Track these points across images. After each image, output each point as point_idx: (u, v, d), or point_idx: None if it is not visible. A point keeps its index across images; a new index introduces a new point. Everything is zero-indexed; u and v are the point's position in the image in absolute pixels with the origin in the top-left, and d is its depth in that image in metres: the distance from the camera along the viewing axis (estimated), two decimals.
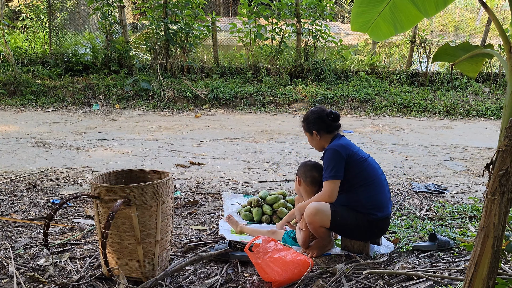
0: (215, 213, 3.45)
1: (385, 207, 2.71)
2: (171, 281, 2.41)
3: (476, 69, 2.04)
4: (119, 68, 9.01)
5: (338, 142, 2.75)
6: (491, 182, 1.65)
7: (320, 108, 2.87)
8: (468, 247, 2.58)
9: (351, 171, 2.68)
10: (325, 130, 2.81)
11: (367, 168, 2.71)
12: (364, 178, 2.68)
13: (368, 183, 2.68)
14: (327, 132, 2.82)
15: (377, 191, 2.69)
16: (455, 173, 4.70)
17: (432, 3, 1.94)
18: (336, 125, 2.83)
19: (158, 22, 8.79)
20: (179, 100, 8.31)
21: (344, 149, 2.69)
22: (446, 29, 13.45)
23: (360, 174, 2.68)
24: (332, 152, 2.69)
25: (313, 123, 2.83)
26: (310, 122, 2.85)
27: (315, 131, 2.83)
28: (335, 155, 2.67)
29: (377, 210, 2.67)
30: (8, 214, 3.29)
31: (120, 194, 2.23)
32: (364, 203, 2.66)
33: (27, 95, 8.15)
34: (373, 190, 2.68)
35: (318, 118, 2.82)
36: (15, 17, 11.67)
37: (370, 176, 2.70)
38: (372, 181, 2.69)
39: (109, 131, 6.15)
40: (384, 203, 2.71)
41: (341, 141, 2.76)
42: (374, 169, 2.74)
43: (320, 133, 2.82)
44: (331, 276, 2.47)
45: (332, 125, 2.81)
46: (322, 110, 2.85)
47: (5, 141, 5.45)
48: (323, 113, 2.82)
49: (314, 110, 2.88)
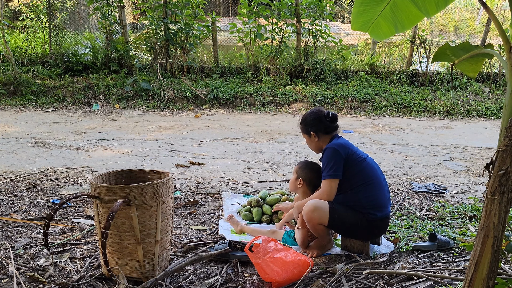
0: (215, 213, 3.45)
1: (384, 207, 2.71)
2: (171, 281, 2.41)
3: (476, 69, 2.04)
4: (119, 68, 9.01)
5: (337, 142, 2.75)
6: (491, 182, 1.65)
7: (318, 110, 2.87)
8: (468, 247, 2.58)
9: (350, 171, 2.68)
10: (322, 131, 2.81)
11: (366, 168, 2.71)
12: (363, 177, 2.68)
13: (367, 183, 2.68)
14: (325, 133, 2.82)
15: (376, 191, 2.69)
16: (455, 173, 4.70)
17: (433, 3, 1.94)
18: (334, 126, 2.83)
19: (158, 22, 8.79)
20: (179, 100, 8.30)
21: (343, 149, 2.69)
22: (446, 29, 13.46)
23: (359, 174, 2.68)
24: (331, 151, 2.69)
25: (311, 125, 2.83)
26: (308, 123, 2.85)
27: (313, 132, 2.83)
28: (334, 154, 2.67)
29: (376, 210, 2.67)
30: (8, 214, 3.29)
31: (120, 194, 2.23)
32: (363, 203, 2.66)
33: (27, 95, 8.15)
34: (372, 190, 2.68)
35: (316, 119, 2.82)
36: (15, 17, 11.66)
37: (369, 176, 2.70)
38: (371, 181, 2.69)
39: (109, 131, 6.14)
40: (383, 203, 2.71)
41: (340, 141, 2.77)
42: (373, 169, 2.74)
43: (318, 134, 2.82)
44: (331, 276, 2.47)
45: (330, 126, 2.81)
46: (319, 111, 2.84)
47: (5, 141, 5.45)
48: (320, 114, 2.82)
49: (311, 112, 2.88)
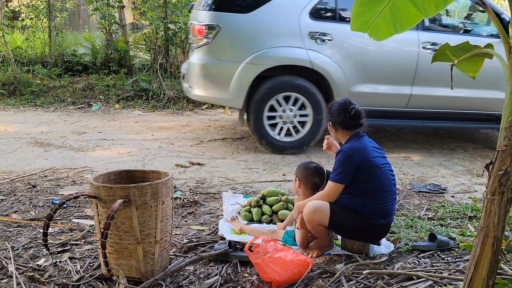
0: (215, 213, 3.45)
1: (388, 216, 2.67)
2: (171, 281, 2.41)
3: (476, 69, 2.04)
4: (119, 68, 9.00)
5: (354, 145, 2.64)
6: (491, 182, 1.65)
7: (345, 101, 2.72)
8: (467, 247, 2.58)
9: (362, 177, 2.60)
10: (341, 125, 2.70)
11: (379, 176, 2.61)
12: (374, 185, 2.60)
13: (377, 191, 2.61)
14: (343, 128, 2.71)
15: (385, 200, 2.63)
16: (455, 173, 4.70)
17: (432, 3, 1.95)
18: (356, 123, 2.70)
19: (158, 22, 8.78)
20: (179, 100, 8.30)
21: (358, 154, 2.59)
22: None
23: (371, 181, 2.60)
24: (345, 155, 2.60)
25: (332, 115, 2.73)
26: (330, 112, 2.75)
27: (331, 123, 2.74)
28: (347, 159, 2.58)
29: (380, 218, 2.63)
30: (7, 214, 3.29)
31: (119, 194, 2.23)
32: (368, 209, 2.61)
33: (27, 95, 8.15)
34: (381, 198, 2.62)
35: (338, 110, 2.71)
36: (15, 17, 11.66)
37: (381, 185, 2.62)
38: (381, 190, 2.62)
39: (108, 131, 6.14)
40: (388, 212, 2.66)
41: (358, 144, 2.65)
42: (387, 179, 2.64)
43: (336, 127, 2.73)
44: (330, 276, 2.47)
45: (349, 122, 2.68)
46: (345, 104, 2.70)
47: (5, 141, 5.45)
48: (345, 107, 2.69)
49: (338, 102, 2.75)
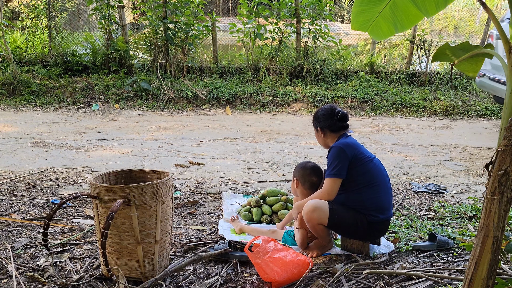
0: (214, 213, 3.45)
1: (387, 210, 2.70)
2: (171, 281, 2.41)
3: (476, 69, 2.05)
4: (119, 68, 9.00)
5: (344, 141, 2.73)
6: (491, 182, 1.65)
7: (330, 106, 2.87)
8: (467, 247, 2.58)
9: (356, 171, 2.66)
10: (329, 128, 2.81)
11: (372, 169, 2.69)
12: (369, 178, 2.67)
13: (372, 184, 2.66)
14: (331, 131, 2.81)
15: (381, 193, 2.68)
16: (455, 173, 4.70)
17: (433, 3, 1.95)
18: (343, 125, 2.82)
19: (158, 22, 8.78)
20: (179, 100, 8.30)
21: (350, 148, 2.68)
22: (445, 29, 13.46)
23: (365, 175, 2.67)
24: (337, 150, 2.67)
25: (319, 120, 2.84)
26: (317, 118, 2.86)
27: (320, 128, 2.84)
28: (340, 153, 2.66)
29: (378, 212, 2.65)
30: (7, 214, 3.29)
31: (119, 194, 2.23)
32: (367, 204, 2.65)
33: (27, 95, 8.15)
34: (377, 192, 2.67)
35: (325, 115, 2.83)
36: (15, 17, 11.65)
37: (375, 178, 2.68)
38: (376, 183, 2.67)
39: (108, 131, 6.14)
40: (386, 205, 2.70)
41: (347, 140, 2.75)
42: (380, 171, 2.73)
43: (324, 131, 2.82)
44: (330, 276, 2.47)
45: (337, 124, 2.80)
46: (331, 109, 2.84)
47: (5, 141, 5.45)
48: (331, 111, 2.82)
49: (324, 107, 2.89)
